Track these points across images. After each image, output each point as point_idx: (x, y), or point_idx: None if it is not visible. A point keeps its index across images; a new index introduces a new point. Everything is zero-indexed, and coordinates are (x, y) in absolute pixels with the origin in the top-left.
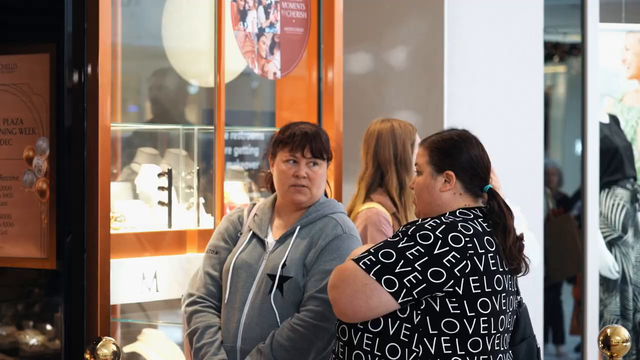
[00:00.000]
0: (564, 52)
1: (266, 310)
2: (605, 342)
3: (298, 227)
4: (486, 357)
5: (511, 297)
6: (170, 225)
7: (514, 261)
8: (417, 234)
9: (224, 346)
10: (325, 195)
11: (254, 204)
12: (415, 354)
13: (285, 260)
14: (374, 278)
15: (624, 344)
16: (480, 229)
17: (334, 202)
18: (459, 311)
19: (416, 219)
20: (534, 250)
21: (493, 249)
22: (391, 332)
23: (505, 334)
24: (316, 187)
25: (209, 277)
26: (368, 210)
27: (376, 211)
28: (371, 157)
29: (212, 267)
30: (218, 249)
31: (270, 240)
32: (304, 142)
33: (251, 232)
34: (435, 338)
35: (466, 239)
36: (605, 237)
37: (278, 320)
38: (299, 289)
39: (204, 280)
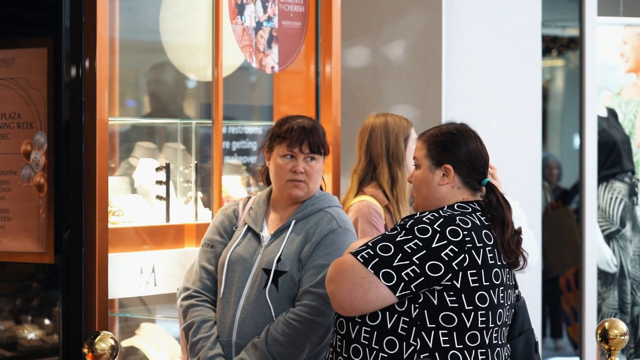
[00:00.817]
0: (562, 45)
1: (261, 304)
2: (603, 336)
3: (293, 222)
4: (484, 350)
5: (509, 290)
6: (168, 219)
7: (512, 255)
8: (415, 228)
9: (219, 340)
10: (321, 189)
11: (249, 198)
12: (413, 347)
13: (280, 255)
14: (372, 271)
15: (622, 337)
16: (478, 222)
17: (329, 195)
18: (456, 305)
19: (411, 212)
20: (532, 246)
21: (491, 243)
22: (389, 326)
23: (503, 328)
24: (313, 181)
25: (205, 271)
26: (360, 203)
27: (367, 204)
28: (364, 151)
29: (208, 261)
30: (213, 242)
31: (266, 234)
32: (302, 137)
33: (246, 225)
34: (433, 332)
35: (464, 232)
36: (603, 231)
37: (273, 314)
38: (294, 283)
39: (199, 274)
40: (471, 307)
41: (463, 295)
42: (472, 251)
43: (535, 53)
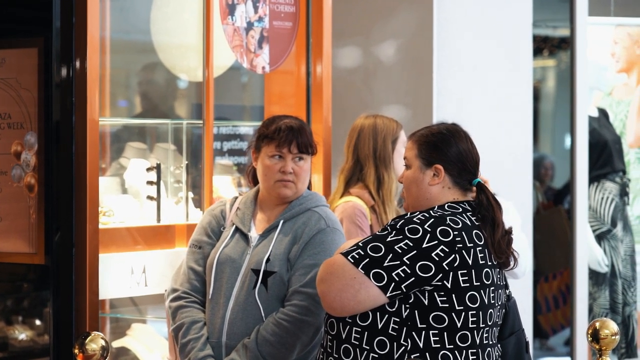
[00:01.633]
0: (553, 45)
1: (251, 305)
2: (594, 336)
3: (281, 222)
4: (475, 351)
5: (500, 290)
6: (159, 219)
7: (503, 255)
8: (406, 228)
9: (209, 342)
10: (308, 188)
11: (236, 198)
12: (403, 347)
13: (269, 255)
14: (363, 272)
15: (613, 337)
16: (468, 222)
17: (316, 195)
18: (447, 305)
19: (395, 213)
20: (524, 252)
21: (481, 243)
22: (379, 326)
23: (494, 328)
24: (301, 181)
25: (193, 272)
26: (345, 203)
27: (352, 204)
28: (351, 151)
29: (196, 262)
30: (201, 243)
31: (254, 234)
32: (290, 137)
33: (234, 226)
34: (423, 332)
35: (455, 232)
36: (594, 231)
37: (263, 315)
38: (283, 283)
39: (187, 275)
40: (462, 307)
41: (454, 295)
42: (463, 251)
43: (526, 53)
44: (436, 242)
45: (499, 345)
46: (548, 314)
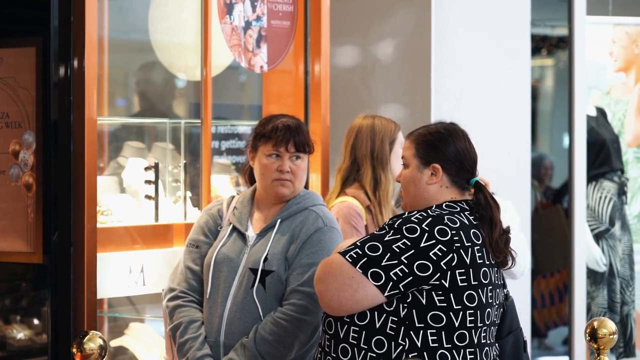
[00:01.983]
0: (552, 45)
1: (249, 304)
2: (592, 335)
3: (279, 221)
4: (472, 350)
5: (497, 290)
6: (157, 219)
7: (501, 254)
8: (404, 227)
9: (207, 341)
10: (305, 187)
11: (233, 197)
12: (401, 347)
13: (266, 254)
14: (360, 271)
15: (611, 336)
16: (466, 222)
17: (313, 194)
18: (445, 304)
19: (392, 213)
20: (523, 252)
21: (479, 242)
22: (377, 326)
23: (492, 327)
24: (299, 180)
25: (190, 272)
26: (340, 203)
27: (348, 205)
28: (349, 151)
29: (193, 262)
30: (198, 243)
31: (251, 233)
32: (288, 136)
33: (231, 225)
34: (421, 331)
35: (452, 232)
36: (592, 230)
37: (261, 314)
38: (281, 282)
39: (185, 274)
40: (460, 307)
41: (451, 294)
42: (461, 250)
43: (524, 52)
44: (434, 241)
45: (496, 344)
46: (543, 310)
